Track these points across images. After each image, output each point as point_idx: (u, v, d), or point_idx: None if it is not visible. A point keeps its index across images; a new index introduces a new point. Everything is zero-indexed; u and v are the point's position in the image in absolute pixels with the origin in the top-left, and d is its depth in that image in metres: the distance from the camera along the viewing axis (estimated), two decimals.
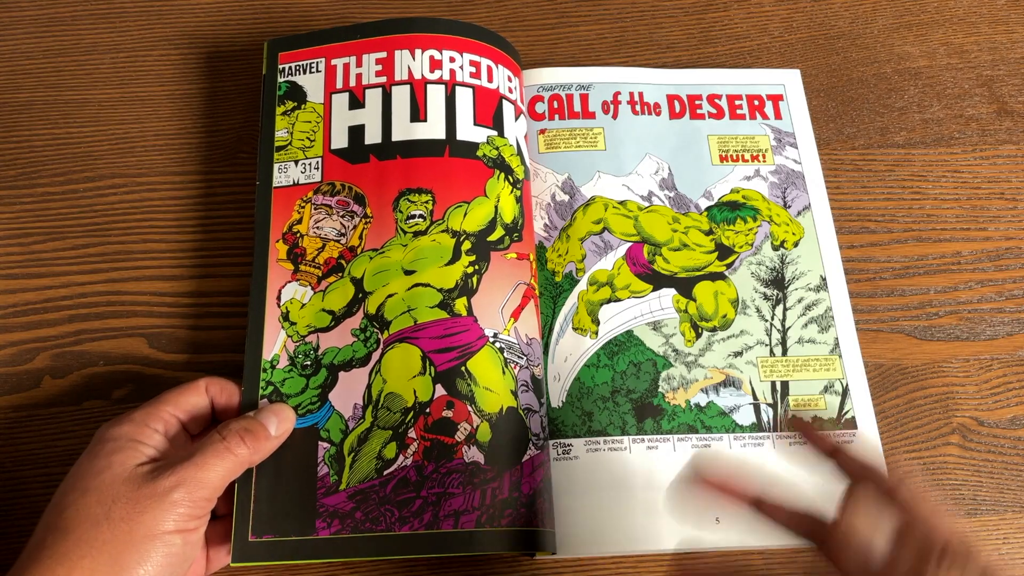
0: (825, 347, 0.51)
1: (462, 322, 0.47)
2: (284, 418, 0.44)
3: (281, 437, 0.44)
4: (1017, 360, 0.53)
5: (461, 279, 0.48)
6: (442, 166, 0.50)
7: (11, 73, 0.58)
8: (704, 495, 0.41)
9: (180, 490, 0.38)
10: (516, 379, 0.47)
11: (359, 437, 0.45)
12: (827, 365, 0.51)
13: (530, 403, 0.47)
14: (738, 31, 0.62)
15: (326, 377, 0.47)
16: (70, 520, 0.37)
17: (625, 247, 0.53)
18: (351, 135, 0.52)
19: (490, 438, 0.45)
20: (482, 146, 0.51)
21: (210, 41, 0.60)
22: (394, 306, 0.47)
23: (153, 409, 0.42)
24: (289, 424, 0.44)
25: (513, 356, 0.47)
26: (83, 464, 0.39)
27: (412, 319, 0.47)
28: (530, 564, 0.47)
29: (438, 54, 0.52)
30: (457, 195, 0.50)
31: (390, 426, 0.45)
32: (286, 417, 0.44)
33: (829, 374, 0.51)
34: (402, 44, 0.53)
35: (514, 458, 0.45)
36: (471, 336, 0.47)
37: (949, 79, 0.60)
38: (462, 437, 0.45)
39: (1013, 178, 0.58)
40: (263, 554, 0.43)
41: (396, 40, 0.53)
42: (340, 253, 0.49)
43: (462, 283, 0.48)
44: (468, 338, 0.47)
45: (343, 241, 0.49)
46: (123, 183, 0.55)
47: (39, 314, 0.51)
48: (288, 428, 0.44)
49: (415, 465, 0.44)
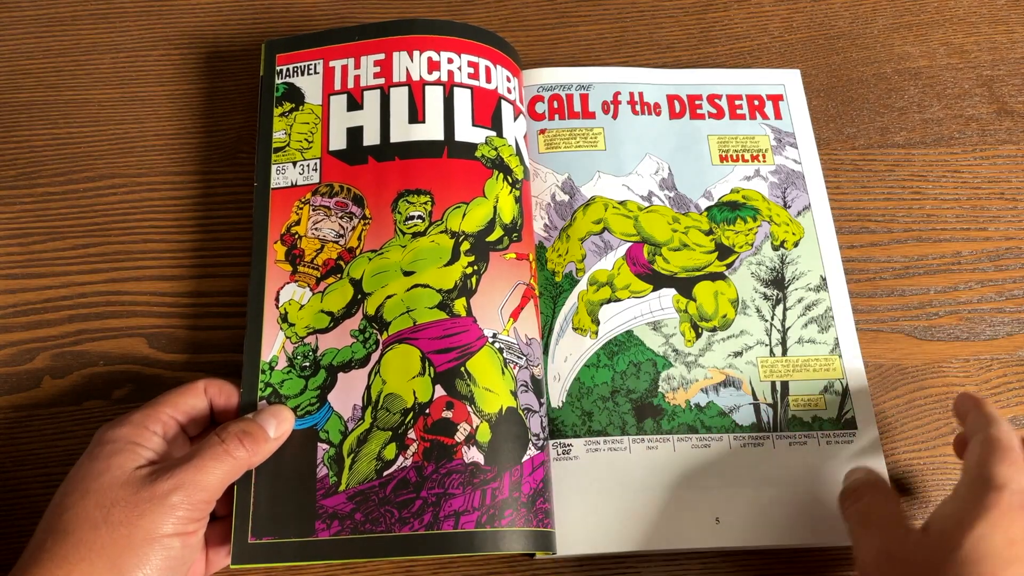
0: (825, 347, 0.51)
1: (461, 323, 0.47)
2: (283, 420, 0.44)
3: (280, 439, 0.44)
4: (1017, 360, 0.53)
5: (460, 280, 0.48)
6: (440, 167, 0.50)
7: (11, 73, 0.58)
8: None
9: (179, 493, 0.38)
10: (516, 379, 0.47)
11: (358, 438, 0.45)
12: (827, 365, 0.51)
13: (530, 403, 0.47)
14: (738, 31, 0.62)
15: (325, 378, 0.47)
16: (69, 522, 0.37)
17: (625, 247, 0.53)
18: (349, 136, 0.52)
19: (490, 438, 0.45)
20: (480, 147, 0.51)
21: (210, 41, 0.60)
22: (393, 307, 0.47)
23: (152, 411, 0.42)
24: (288, 425, 0.44)
25: (513, 356, 0.47)
26: (83, 466, 0.39)
27: (411, 320, 0.47)
28: (530, 564, 0.47)
29: (436, 55, 0.52)
30: (456, 196, 0.50)
31: (389, 427, 0.45)
32: (285, 418, 0.44)
33: (829, 374, 0.51)
34: (400, 46, 0.53)
35: (514, 458, 0.45)
36: (470, 336, 0.47)
37: (949, 79, 0.60)
38: (462, 438, 0.45)
39: (1013, 178, 0.57)
40: (263, 556, 0.43)
41: (394, 42, 0.53)
42: (339, 254, 0.49)
43: (461, 284, 0.48)
44: (467, 338, 0.47)
45: (342, 242, 0.49)
46: (123, 183, 0.55)
47: (39, 314, 0.51)
48: (287, 430, 0.44)
49: (415, 466, 0.44)
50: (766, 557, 0.47)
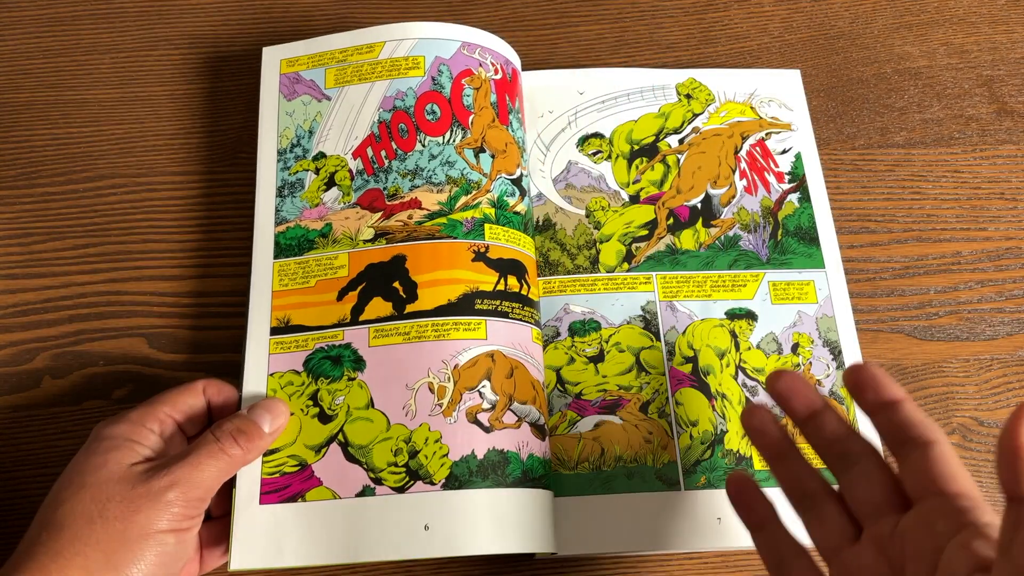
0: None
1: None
2: (278, 414, 0.44)
3: (275, 433, 0.44)
4: (1017, 360, 0.53)
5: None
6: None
7: (11, 73, 0.58)
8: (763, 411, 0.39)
9: (174, 490, 0.38)
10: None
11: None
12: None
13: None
14: (738, 31, 0.62)
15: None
16: (64, 517, 0.37)
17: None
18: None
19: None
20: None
21: (210, 41, 0.60)
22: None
23: (150, 409, 0.42)
24: (283, 420, 0.44)
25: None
26: (79, 461, 0.39)
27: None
28: (530, 564, 0.47)
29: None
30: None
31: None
32: (280, 412, 0.44)
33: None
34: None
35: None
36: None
37: (949, 79, 0.60)
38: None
39: (1013, 178, 0.58)
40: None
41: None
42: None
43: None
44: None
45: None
46: (123, 183, 0.55)
47: (39, 314, 0.51)
48: (282, 424, 0.44)
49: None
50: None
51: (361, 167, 0.50)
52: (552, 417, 0.48)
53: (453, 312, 0.46)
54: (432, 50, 0.52)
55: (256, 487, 0.44)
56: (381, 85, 0.52)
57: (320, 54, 0.54)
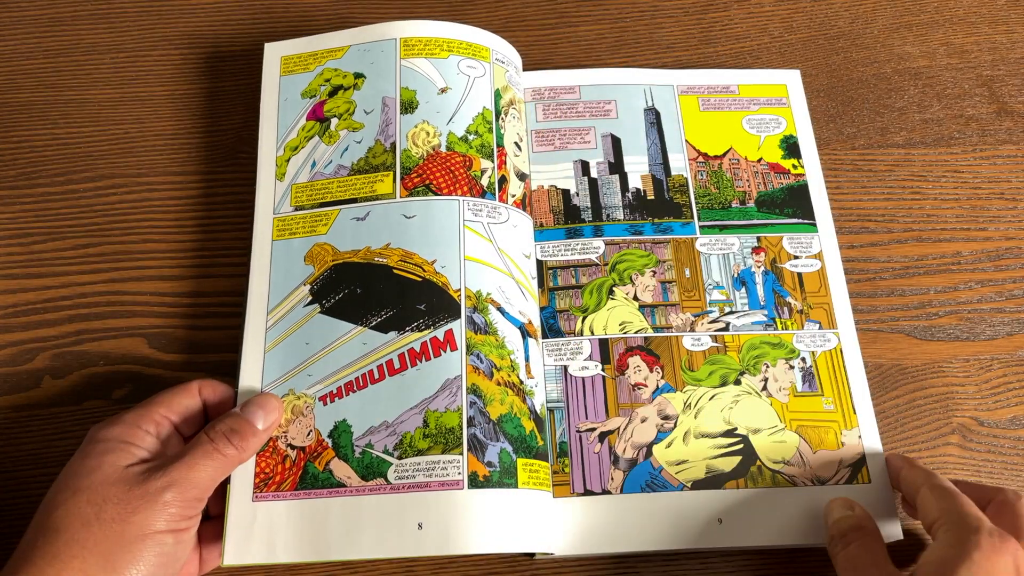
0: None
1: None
2: (271, 409, 0.44)
3: (269, 430, 0.44)
4: (1017, 360, 0.53)
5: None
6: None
7: (11, 73, 0.58)
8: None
9: (171, 490, 0.38)
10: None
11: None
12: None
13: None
14: (738, 31, 0.62)
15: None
16: (61, 520, 0.37)
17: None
18: None
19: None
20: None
21: (210, 41, 0.60)
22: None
23: (145, 411, 0.42)
24: (276, 415, 0.44)
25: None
26: (74, 464, 0.39)
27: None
28: (530, 564, 0.47)
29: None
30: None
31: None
32: (273, 408, 0.44)
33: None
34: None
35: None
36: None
37: (949, 79, 0.60)
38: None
39: (1013, 178, 0.57)
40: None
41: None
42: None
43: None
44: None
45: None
46: (123, 183, 0.55)
47: (39, 314, 0.51)
48: (276, 419, 0.44)
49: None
50: (766, 557, 0.47)
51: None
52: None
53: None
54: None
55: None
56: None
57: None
